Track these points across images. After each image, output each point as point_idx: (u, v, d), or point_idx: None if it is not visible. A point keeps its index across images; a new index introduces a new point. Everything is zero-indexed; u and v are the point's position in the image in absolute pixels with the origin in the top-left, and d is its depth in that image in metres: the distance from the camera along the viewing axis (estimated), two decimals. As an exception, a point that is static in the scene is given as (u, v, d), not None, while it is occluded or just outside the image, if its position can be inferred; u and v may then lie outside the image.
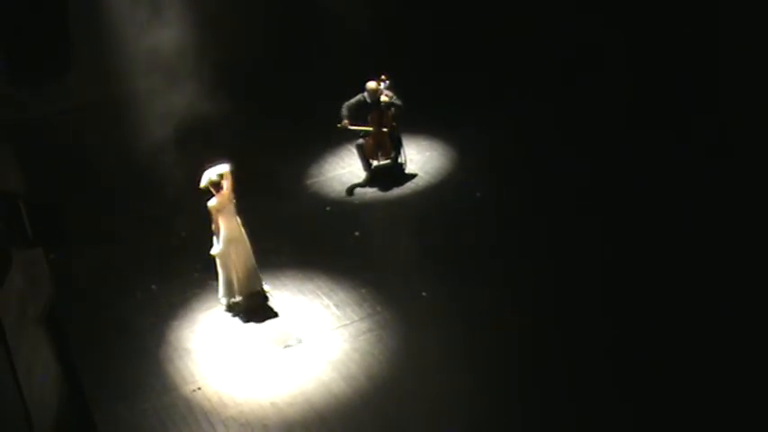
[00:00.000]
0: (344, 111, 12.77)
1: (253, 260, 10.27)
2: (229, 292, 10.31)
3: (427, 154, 13.60)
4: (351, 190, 12.91)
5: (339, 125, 12.78)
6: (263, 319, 10.25)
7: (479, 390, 8.74)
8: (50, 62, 5.56)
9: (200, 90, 13.12)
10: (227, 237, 10.08)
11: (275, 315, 10.29)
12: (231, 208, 10.08)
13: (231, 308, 10.38)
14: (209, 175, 10.00)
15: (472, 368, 9.03)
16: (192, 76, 13.32)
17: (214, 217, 10.05)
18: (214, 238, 10.14)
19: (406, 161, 13.18)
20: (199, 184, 10.06)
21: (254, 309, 10.34)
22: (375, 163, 13.15)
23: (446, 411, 8.50)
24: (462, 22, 16.04)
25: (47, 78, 5.71)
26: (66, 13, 5.53)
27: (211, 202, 10.00)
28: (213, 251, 10.16)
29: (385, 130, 12.84)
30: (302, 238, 11.76)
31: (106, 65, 14.52)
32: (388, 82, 12.88)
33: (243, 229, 10.18)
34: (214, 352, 9.82)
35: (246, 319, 10.26)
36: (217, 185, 9.97)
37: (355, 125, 12.84)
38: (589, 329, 9.36)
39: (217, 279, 10.38)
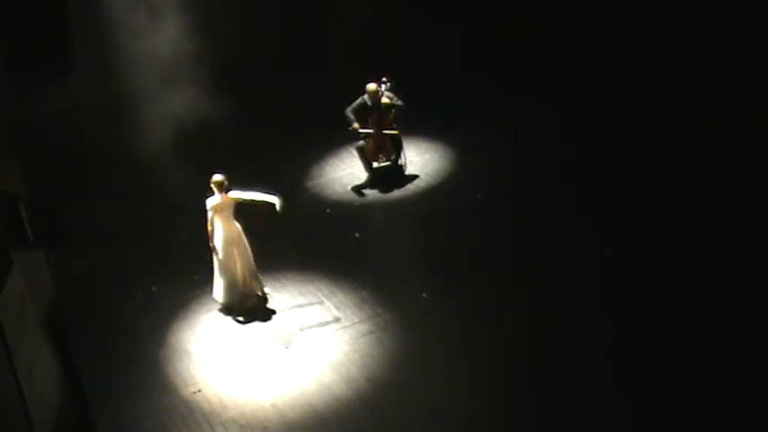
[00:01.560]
0: (350, 115, 12.76)
1: (252, 263, 10.25)
2: (231, 293, 10.29)
3: (427, 156, 13.56)
4: (357, 190, 12.90)
5: (350, 128, 12.76)
6: (263, 320, 10.24)
7: (479, 390, 8.73)
8: (50, 62, 5.56)
9: (201, 90, 13.13)
10: (227, 238, 10.06)
11: (275, 317, 10.28)
12: (230, 212, 10.07)
13: (230, 309, 10.36)
14: (216, 175, 10.02)
15: (472, 369, 9.02)
16: (192, 76, 13.34)
17: (210, 216, 10.03)
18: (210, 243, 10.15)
19: (406, 163, 13.16)
20: (201, 184, 10.05)
21: (254, 310, 10.33)
22: (376, 164, 13.14)
23: (446, 412, 8.48)
24: (462, 22, 16.05)
25: (47, 78, 5.71)
26: (66, 13, 5.53)
27: (211, 201, 10.00)
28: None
29: (387, 132, 12.81)
30: (302, 239, 11.74)
31: (106, 65, 14.53)
32: (389, 84, 12.85)
33: (243, 234, 10.16)
34: (214, 354, 9.81)
35: (246, 321, 10.25)
36: (221, 186, 9.97)
37: (364, 128, 12.83)
38: (589, 329, 9.36)
39: (213, 280, 10.37)
